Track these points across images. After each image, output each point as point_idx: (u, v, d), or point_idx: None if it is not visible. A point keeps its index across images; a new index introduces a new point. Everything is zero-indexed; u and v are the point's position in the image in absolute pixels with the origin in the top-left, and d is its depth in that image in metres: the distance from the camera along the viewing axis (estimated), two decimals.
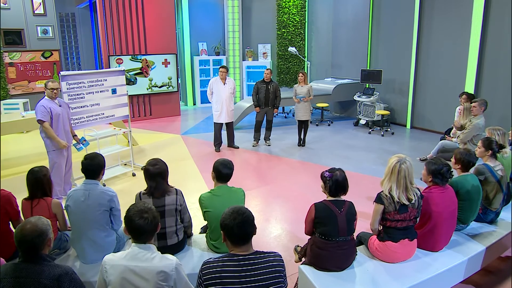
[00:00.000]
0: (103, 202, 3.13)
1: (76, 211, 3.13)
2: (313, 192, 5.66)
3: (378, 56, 10.11)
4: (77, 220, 3.14)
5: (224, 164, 3.22)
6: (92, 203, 3.11)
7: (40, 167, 3.47)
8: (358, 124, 9.86)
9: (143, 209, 2.19)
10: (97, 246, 3.12)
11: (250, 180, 6.29)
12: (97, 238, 3.13)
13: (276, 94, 7.81)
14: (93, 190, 3.14)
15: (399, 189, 2.93)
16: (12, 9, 9.98)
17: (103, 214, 3.15)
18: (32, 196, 3.35)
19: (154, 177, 3.08)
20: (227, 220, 2.12)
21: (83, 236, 3.11)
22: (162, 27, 10.79)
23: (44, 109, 5.05)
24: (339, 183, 2.91)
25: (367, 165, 6.92)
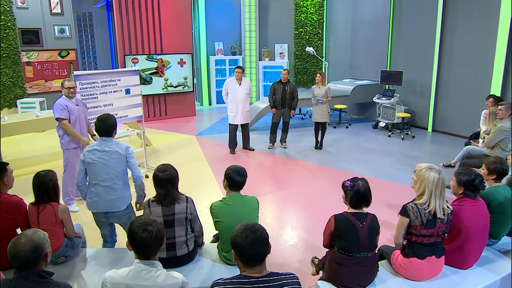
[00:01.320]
0: (120, 152, 3.49)
1: (96, 161, 3.45)
2: (331, 198, 5.45)
3: (399, 56, 9.80)
4: (96, 170, 3.45)
5: (237, 172, 3.04)
6: (110, 157, 3.47)
7: (46, 171, 3.33)
8: (377, 127, 9.57)
9: (147, 222, 2.02)
10: (114, 193, 3.46)
11: (265, 184, 6.11)
12: (114, 185, 3.47)
13: (293, 95, 7.60)
14: (109, 142, 3.51)
15: (437, 202, 2.69)
16: (30, 8, 10.00)
17: (121, 166, 3.51)
18: (38, 201, 3.22)
19: (163, 184, 2.93)
20: (238, 238, 1.93)
21: (101, 183, 3.46)
22: (178, 26, 10.68)
23: (61, 107, 4.93)
24: (361, 194, 2.69)
25: (386, 169, 6.65)
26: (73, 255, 3.27)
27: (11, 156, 7.61)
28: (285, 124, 7.88)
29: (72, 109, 5.02)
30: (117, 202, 3.51)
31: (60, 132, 5.07)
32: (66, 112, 4.94)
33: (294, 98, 7.61)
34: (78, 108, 5.12)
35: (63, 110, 4.92)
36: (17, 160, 7.37)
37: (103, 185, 3.45)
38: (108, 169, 3.45)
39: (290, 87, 7.57)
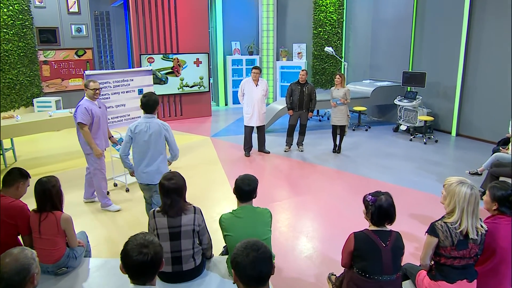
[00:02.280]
0: (160, 131, 3.94)
1: (140, 139, 3.92)
2: (349, 207, 5.18)
3: (421, 57, 9.42)
4: (141, 145, 3.95)
5: (244, 181, 2.81)
6: (152, 132, 3.91)
7: (49, 177, 3.18)
8: (398, 130, 9.22)
9: (143, 243, 1.81)
10: (155, 165, 3.98)
11: (280, 190, 5.87)
12: (155, 159, 3.98)
13: (311, 96, 7.34)
14: (152, 122, 3.93)
15: (470, 221, 2.42)
16: (47, 7, 9.99)
17: (161, 140, 3.98)
18: (40, 208, 3.07)
19: (169, 194, 2.73)
20: (238, 257, 1.71)
21: (145, 159, 3.97)
22: (195, 25, 10.53)
23: (86, 111, 4.69)
24: (383, 211, 2.44)
25: (407, 176, 6.33)
26: (75, 265, 3.11)
27: (25, 156, 7.58)
28: (302, 126, 7.62)
29: (95, 113, 4.83)
30: (156, 175, 3.94)
31: (81, 137, 4.88)
32: (88, 117, 4.72)
33: (312, 100, 7.36)
34: (101, 111, 4.95)
35: (86, 115, 4.70)
36: (31, 160, 7.33)
37: (143, 159, 3.97)
38: (148, 144, 3.94)
39: (308, 89, 7.32)
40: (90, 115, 4.73)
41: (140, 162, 3.99)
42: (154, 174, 3.97)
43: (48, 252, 3.02)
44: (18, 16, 9.38)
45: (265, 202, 5.26)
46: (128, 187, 5.84)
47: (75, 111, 4.74)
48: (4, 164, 6.96)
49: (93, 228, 4.67)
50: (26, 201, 3.22)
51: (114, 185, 6.00)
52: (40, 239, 3.02)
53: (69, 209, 5.12)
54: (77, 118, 4.68)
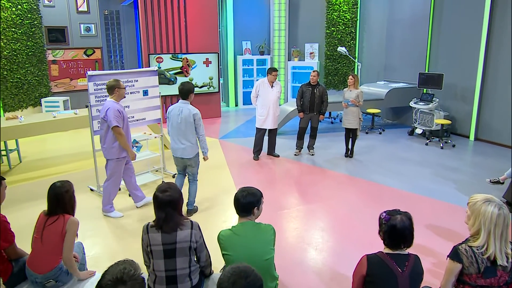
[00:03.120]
0: (190, 116, 4.56)
1: (174, 120, 4.63)
2: (361, 216, 4.89)
3: (439, 58, 9.05)
4: (175, 127, 4.65)
5: (243, 193, 2.57)
6: (184, 116, 4.57)
7: (63, 182, 3.09)
8: (413, 134, 8.87)
9: (120, 278, 1.57)
10: (186, 145, 4.67)
11: (289, 197, 5.62)
12: (186, 140, 4.66)
13: (322, 99, 7.06)
14: (184, 108, 4.58)
15: (498, 245, 2.14)
16: (56, 6, 9.91)
17: (190, 124, 4.60)
18: (50, 212, 2.96)
19: (163, 207, 2.51)
20: (224, 283, 1.53)
21: (178, 137, 4.66)
22: (204, 25, 10.33)
23: (119, 114, 4.52)
24: (397, 233, 2.17)
25: (423, 183, 6.02)
26: (66, 281, 2.92)
27: (31, 156, 7.47)
28: (313, 129, 7.35)
29: (125, 114, 4.68)
30: (187, 150, 4.71)
31: (112, 140, 4.62)
32: (121, 119, 4.57)
33: (323, 102, 7.08)
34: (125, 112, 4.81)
35: (120, 118, 4.53)
36: (36, 161, 7.21)
37: (175, 137, 4.68)
38: (181, 125, 4.61)
39: (320, 90, 7.04)
40: (122, 117, 4.58)
41: (175, 139, 4.70)
42: (186, 149, 4.69)
43: (42, 259, 2.86)
44: (26, 15, 9.30)
45: (273, 210, 5.04)
46: None
47: (105, 115, 4.49)
48: (9, 165, 6.85)
49: (92, 236, 4.49)
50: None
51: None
52: (40, 244, 2.88)
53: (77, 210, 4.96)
54: (112, 122, 4.45)
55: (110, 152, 4.66)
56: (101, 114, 4.55)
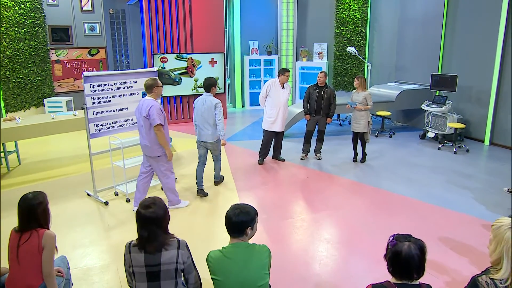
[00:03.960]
0: (211, 106, 5.29)
1: (199, 110, 5.39)
2: (369, 228, 4.60)
3: (452, 59, 8.69)
4: (199, 115, 5.39)
5: (236, 211, 2.30)
6: (207, 106, 5.32)
7: (36, 193, 2.84)
8: (425, 137, 8.53)
9: None
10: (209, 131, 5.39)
11: (294, 204, 5.34)
12: (209, 126, 5.37)
13: (330, 100, 6.76)
14: (207, 99, 5.34)
15: None
16: (60, 5, 9.76)
17: (212, 113, 5.31)
18: (22, 228, 2.69)
19: (146, 224, 2.26)
20: None
21: (203, 124, 5.39)
22: (210, 24, 10.10)
23: (161, 112, 4.61)
24: (400, 260, 1.90)
25: (436, 191, 5.69)
26: None
27: (31, 158, 7.30)
28: (321, 132, 7.06)
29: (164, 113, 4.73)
30: (208, 135, 5.41)
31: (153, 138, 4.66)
32: (163, 117, 4.64)
33: (331, 104, 6.78)
34: None
35: (162, 116, 4.61)
36: (36, 163, 7.04)
37: (201, 124, 5.41)
38: (205, 114, 5.34)
39: (327, 92, 6.75)
40: (163, 115, 4.65)
41: (200, 126, 5.43)
42: (208, 135, 5.40)
43: (22, 281, 2.62)
44: (30, 15, 9.16)
45: (276, 219, 4.77)
46: (129, 197, 5.41)
47: (147, 113, 4.52)
48: (7, 168, 6.68)
49: (86, 245, 4.27)
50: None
51: (115, 194, 5.60)
52: (17, 264, 2.63)
53: (65, 221, 4.77)
54: (156, 120, 4.52)
55: (154, 149, 4.71)
56: (143, 113, 4.57)
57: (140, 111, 4.63)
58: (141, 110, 4.60)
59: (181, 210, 5.10)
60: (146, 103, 4.57)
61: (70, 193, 5.66)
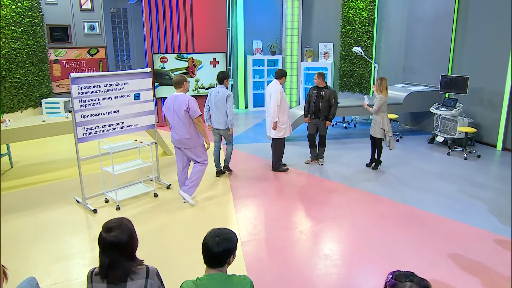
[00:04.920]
0: (224, 97, 5.84)
1: (212, 100, 5.96)
2: (371, 242, 4.27)
3: (463, 59, 8.30)
4: (213, 105, 5.95)
5: (214, 238, 1.99)
6: (219, 97, 5.86)
7: None
8: (433, 142, 8.15)
9: None
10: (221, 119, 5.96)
11: (293, 215, 5.01)
12: (222, 115, 5.94)
13: (330, 102, 6.42)
14: (220, 90, 5.88)
15: None
16: (59, 4, 9.54)
17: (224, 103, 5.87)
18: None
19: (107, 250, 1.97)
20: None
21: (217, 113, 5.94)
22: (212, 23, 9.82)
23: (197, 103, 4.97)
24: None
25: (445, 201, 5.33)
26: None
27: (24, 161, 7.09)
28: (321, 137, 6.73)
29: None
30: (221, 123, 5.96)
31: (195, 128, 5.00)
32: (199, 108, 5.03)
33: (331, 106, 6.44)
34: None
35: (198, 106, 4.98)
36: (29, 166, 6.83)
37: (216, 113, 5.95)
38: (218, 104, 5.90)
39: (326, 94, 6.41)
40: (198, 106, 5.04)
41: (213, 115, 6.01)
42: (221, 122, 5.96)
43: None
44: (27, 13, 8.96)
45: (270, 231, 4.44)
46: (119, 205, 5.14)
47: (187, 107, 4.83)
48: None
49: (67, 258, 4.00)
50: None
51: (105, 201, 5.33)
52: None
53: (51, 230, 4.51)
54: (197, 111, 4.88)
55: (196, 140, 5.04)
56: (183, 106, 4.83)
57: (174, 107, 4.89)
58: (177, 106, 4.87)
59: (162, 221, 4.81)
60: (181, 98, 4.88)
61: (60, 199, 5.41)
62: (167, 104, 4.99)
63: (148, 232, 4.47)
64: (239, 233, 4.45)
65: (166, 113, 5.02)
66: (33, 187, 5.89)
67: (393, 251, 4.05)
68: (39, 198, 5.47)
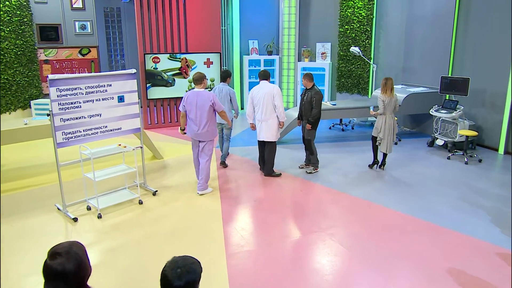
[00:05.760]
0: (227, 94, 6.40)
1: (217, 95, 6.25)
2: (364, 256, 4.00)
3: (464, 60, 8.03)
4: (220, 100, 6.18)
5: (177, 270, 1.74)
6: (223, 94, 6.41)
7: None
8: (433, 145, 7.89)
9: None
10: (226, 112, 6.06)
11: (281, 226, 4.75)
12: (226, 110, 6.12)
13: (311, 104, 6.14)
14: (224, 88, 6.46)
15: None
16: (48, 3, 9.28)
17: (227, 99, 6.39)
18: None
19: (51, 279, 1.71)
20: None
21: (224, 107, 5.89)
22: (206, 22, 9.57)
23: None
24: None
25: (444, 210, 5.07)
26: None
27: (10, 165, 6.87)
28: (306, 141, 6.40)
29: None
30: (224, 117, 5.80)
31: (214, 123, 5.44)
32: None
33: (312, 108, 6.16)
34: None
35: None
36: (14, 170, 6.60)
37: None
38: (222, 99, 6.34)
39: (309, 95, 6.16)
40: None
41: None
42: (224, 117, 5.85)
43: None
44: (15, 12, 8.72)
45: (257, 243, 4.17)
46: (101, 213, 4.89)
47: (213, 102, 5.28)
48: None
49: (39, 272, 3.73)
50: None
51: (87, 208, 5.09)
52: None
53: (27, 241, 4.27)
54: (221, 106, 5.43)
55: (212, 133, 5.44)
56: (208, 102, 5.26)
57: (198, 102, 5.27)
58: (200, 101, 5.26)
59: (145, 232, 4.56)
60: (204, 95, 5.29)
61: (40, 206, 5.18)
62: (188, 99, 5.31)
63: (128, 244, 4.22)
64: (225, 244, 4.20)
65: (187, 107, 5.34)
66: (14, 193, 5.65)
67: (387, 265, 3.79)
68: (19, 205, 5.23)
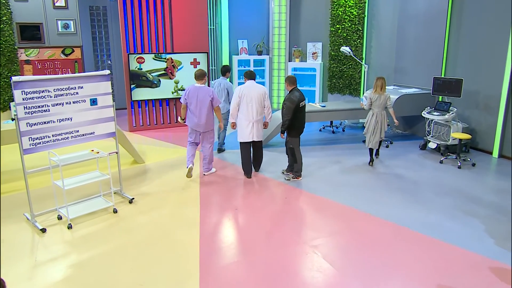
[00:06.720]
0: (224, 88, 7.07)
1: (216, 89, 7.02)
2: (348, 270, 3.73)
3: (457, 60, 7.79)
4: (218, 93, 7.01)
5: None
6: (222, 87, 7.10)
7: None
8: (425, 148, 7.64)
9: None
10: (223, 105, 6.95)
11: (261, 237, 4.47)
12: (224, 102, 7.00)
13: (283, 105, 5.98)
14: (223, 82, 7.12)
15: None
16: (29, 1, 8.96)
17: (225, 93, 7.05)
18: None
19: None
20: None
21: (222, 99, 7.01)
22: (193, 21, 9.28)
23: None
24: None
25: (434, 218, 4.81)
26: None
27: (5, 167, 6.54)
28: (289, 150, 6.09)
29: None
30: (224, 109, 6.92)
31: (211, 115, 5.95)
32: None
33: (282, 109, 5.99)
34: None
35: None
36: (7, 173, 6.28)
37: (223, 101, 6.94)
38: (219, 93, 7.00)
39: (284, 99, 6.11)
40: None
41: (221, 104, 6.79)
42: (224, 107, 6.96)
43: None
44: None
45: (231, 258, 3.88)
46: (71, 223, 4.60)
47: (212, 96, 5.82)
48: None
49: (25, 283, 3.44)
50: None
51: (58, 218, 4.79)
52: None
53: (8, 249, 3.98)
54: (218, 101, 5.93)
55: (211, 124, 5.98)
56: (208, 96, 5.80)
57: (199, 96, 5.79)
58: (201, 96, 5.79)
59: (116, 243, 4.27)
60: (205, 90, 5.82)
61: (8, 215, 4.88)
62: (190, 93, 5.85)
63: (97, 257, 3.94)
64: (200, 257, 3.91)
65: (189, 100, 5.85)
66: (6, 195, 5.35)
67: (374, 280, 3.53)
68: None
